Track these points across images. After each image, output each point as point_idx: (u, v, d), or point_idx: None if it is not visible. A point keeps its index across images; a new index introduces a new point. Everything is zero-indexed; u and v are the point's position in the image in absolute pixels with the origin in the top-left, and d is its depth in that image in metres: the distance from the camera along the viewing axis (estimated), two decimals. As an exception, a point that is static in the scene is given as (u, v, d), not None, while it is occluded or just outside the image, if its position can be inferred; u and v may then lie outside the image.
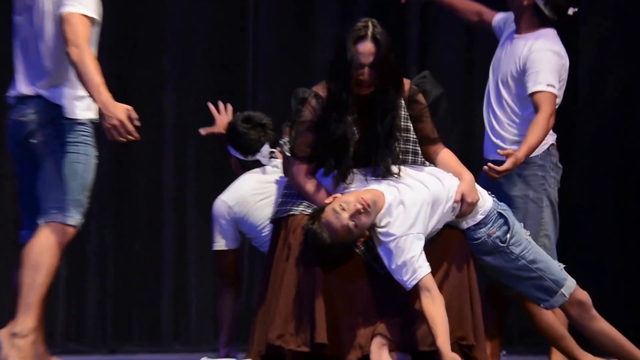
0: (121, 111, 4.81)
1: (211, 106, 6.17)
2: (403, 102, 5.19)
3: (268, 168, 5.84)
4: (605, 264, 7.55)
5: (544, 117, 5.51)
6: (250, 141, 5.86)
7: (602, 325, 5.16)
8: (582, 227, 7.52)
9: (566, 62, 5.70)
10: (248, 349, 5.21)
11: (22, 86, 5.17)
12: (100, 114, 4.85)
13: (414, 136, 5.21)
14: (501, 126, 5.71)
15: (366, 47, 5.05)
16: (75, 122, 5.10)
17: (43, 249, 5.06)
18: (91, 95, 4.89)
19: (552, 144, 5.69)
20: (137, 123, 4.81)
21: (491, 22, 5.93)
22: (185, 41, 7.70)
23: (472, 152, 5.96)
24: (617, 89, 7.62)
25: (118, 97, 4.93)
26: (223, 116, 6.15)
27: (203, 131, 6.18)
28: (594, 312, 5.16)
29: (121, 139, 4.83)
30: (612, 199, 7.66)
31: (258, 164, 5.88)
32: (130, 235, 7.59)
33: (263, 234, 5.65)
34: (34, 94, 5.14)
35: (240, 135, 5.87)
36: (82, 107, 5.12)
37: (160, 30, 7.68)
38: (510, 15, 5.83)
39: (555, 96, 5.59)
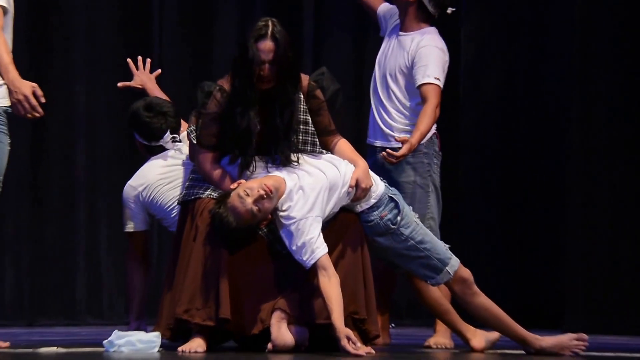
0: (27, 87, 4.70)
1: (130, 62, 5.97)
2: (302, 96, 5.12)
3: (171, 152, 5.67)
4: (487, 243, 7.59)
5: (432, 106, 5.47)
6: (153, 129, 5.66)
7: (483, 301, 5.10)
8: (466, 209, 7.52)
9: (448, 57, 5.65)
10: (157, 322, 5.18)
11: None
12: (9, 90, 4.73)
13: (312, 128, 5.14)
14: (390, 116, 5.65)
15: (266, 45, 4.98)
16: None
17: None
18: (1, 74, 4.76)
19: (434, 133, 5.66)
20: (43, 100, 4.70)
21: (375, 7, 5.83)
22: (94, 36, 7.53)
23: (365, 141, 5.90)
24: (496, 82, 7.67)
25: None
26: (141, 72, 5.97)
27: (120, 84, 5.99)
28: (476, 288, 5.11)
29: (27, 115, 4.71)
30: (494, 183, 7.68)
31: (162, 148, 5.70)
32: (45, 218, 7.43)
33: (172, 216, 5.49)
34: None
35: (143, 124, 5.67)
36: None
37: (70, 27, 7.49)
38: (394, 8, 5.75)
39: (441, 88, 5.54)
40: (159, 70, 6.01)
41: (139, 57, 5.96)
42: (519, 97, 7.61)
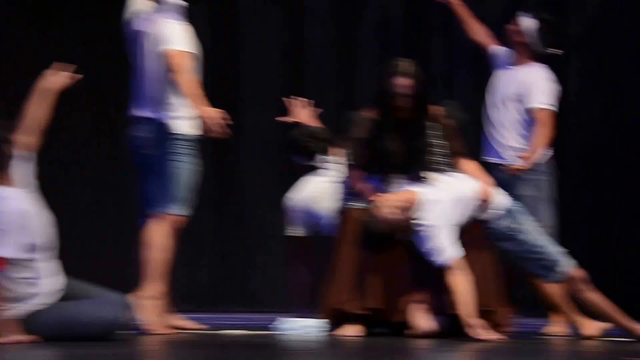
0: (216, 113, 4.82)
1: (289, 100, 6.00)
2: (436, 124, 5.11)
3: (324, 170, 5.69)
4: (598, 247, 7.30)
5: (546, 129, 5.41)
6: (311, 151, 5.71)
7: (594, 295, 5.00)
8: (575, 218, 7.36)
9: (557, 87, 5.55)
10: (320, 311, 5.20)
11: (139, 109, 5.12)
12: (202, 117, 4.85)
13: (445, 151, 5.12)
14: (504, 137, 5.55)
15: (403, 81, 5.01)
16: (180, 138, 5.04)
17: (160, 233, 5.04)
18: (193, 106, 4.87)
19: (551, 155, 5.54)
20: (229, 122, 4.82)
21: (486, 46, 5.73)
22: (260, 70, 7.53)
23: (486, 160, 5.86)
24: (599, 112, 7.42)
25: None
26: (300, 109, 5.99)
27: (281, 119, 6.03)
28: (588, 284, 5.01)
29: (218, 135, 4.83)
30: (601, 189, 7.38)
31: (317, 167, 5.72)
32: (228, 224, 7.47)
33: (329, 222, 5.50)
34: (148, 116, 5.08)
35: (302, 147, 5.73)
36: (185, 125, 5.05)
37: (244, 69, 7.51)
38: (504, 49, 5.66)
39: (554, 113, 5.45)
40: (317, 109, 5.99)
41: (295, 97, 5.98)
42: (621, 116, 7.34)
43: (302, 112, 5.99)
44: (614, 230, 7.33)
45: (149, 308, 4.97)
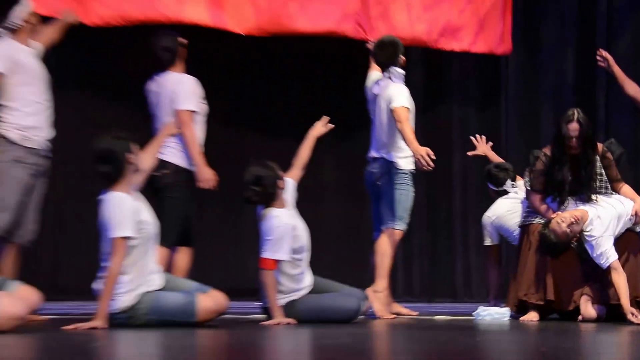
0: (423, 150, 4.98)
1: (473, 138, 6.15)
2: (598, 157, 5.26)
3: (511, 194, 5.86)
4: None
5: None
6: (500, 180, 5.90)
7: None
8: None
9: None
10: (506, 301, 5.37)
11: (373, 151, 5.42)
12: (415, 155, 5.05)
13: (605, 178, 5.28)
14: None
15: (573, 126, 5.12)
16: (401, 172, 5.32)
17: (386, 244, 5.30)
18: (409, 146, 5.06)
19: None
20: (433, 157, 4.97)
21: None
22: (463, 120, 7.32)
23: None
24: None
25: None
26: (481, 144, 6.15)
27: (470, 153, 6.17)
28: None
29: (425, 168, 4.99)
30: None
31: (505, 192, 5.91)
32: (438, 235, 7.39)
33: (514, 235, 5.67)
34: (379, 156, 5.37)
35: (493, 177, 5.92)
36: (405, 162, 5.34)
37: (449, 114, 7.34)
38: None
39: None
40: (491, 143, 6.17)
41: (479, 136, 6.17)
42: None
43: (485, 147, 6.15)
44: None
45: (378, 299, 5.15)
